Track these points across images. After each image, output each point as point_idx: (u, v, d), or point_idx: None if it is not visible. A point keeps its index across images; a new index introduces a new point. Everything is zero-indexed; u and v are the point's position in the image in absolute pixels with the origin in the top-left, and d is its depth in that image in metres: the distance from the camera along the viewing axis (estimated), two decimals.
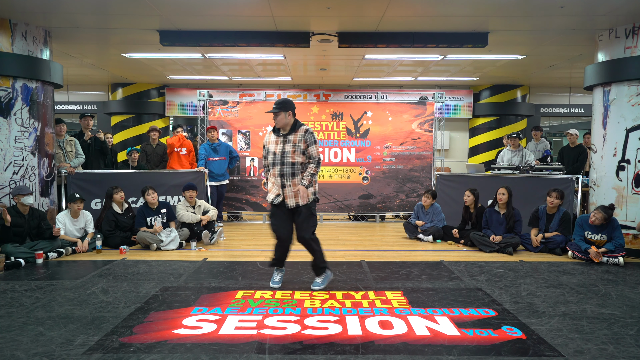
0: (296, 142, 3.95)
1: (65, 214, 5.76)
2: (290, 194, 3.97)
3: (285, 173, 3.95)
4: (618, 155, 5.68)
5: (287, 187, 3.97)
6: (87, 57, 8.04)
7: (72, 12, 5.48)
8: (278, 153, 3.98)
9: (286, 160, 3.95)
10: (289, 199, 3.97)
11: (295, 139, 3.96)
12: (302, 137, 3.96)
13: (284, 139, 3.99)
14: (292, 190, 3.96)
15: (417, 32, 6.24)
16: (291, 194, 3.97)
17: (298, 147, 3.94)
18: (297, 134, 3.97)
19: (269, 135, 4.12)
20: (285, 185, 3.97)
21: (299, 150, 3.95)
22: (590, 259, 5.17)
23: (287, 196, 3.97)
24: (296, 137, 3.96)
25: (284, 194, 3.98)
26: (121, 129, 10.84)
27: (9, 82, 5.49)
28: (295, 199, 3.97)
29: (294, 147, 3.94)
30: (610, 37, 5.82)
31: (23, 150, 5.64)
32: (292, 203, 3.98)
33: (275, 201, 4.02)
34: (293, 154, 3.94)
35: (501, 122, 10.78)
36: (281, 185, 3.98)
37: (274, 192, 4.04)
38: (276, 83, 10.75)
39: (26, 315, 3.45)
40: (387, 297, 3.88)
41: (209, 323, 3.30)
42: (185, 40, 6.30)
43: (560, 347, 2.91)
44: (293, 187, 3.96)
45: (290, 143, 3.96)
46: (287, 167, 3.95)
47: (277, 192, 4.01)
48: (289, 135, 3.99)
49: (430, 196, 6.70)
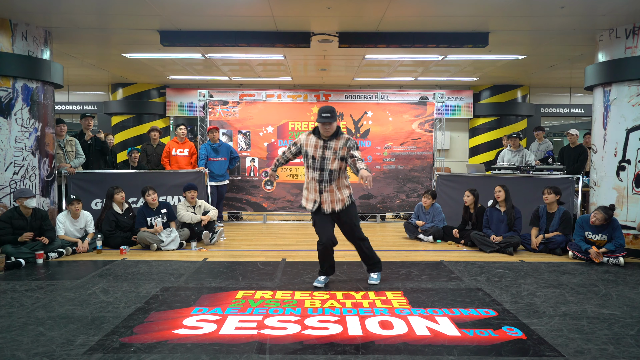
0: (337, 150, 3.93)
1: (65, 215, 5.77)
2: (327, 200, 3.99)
3: (324, 179, 3.96)
4: (618, 155, 5.68)
5: (325, 193, 3.98)
6: (88, 57, 8.04)
7: (72, 12, 5.48)
8: (318, 158, 3.96)
9: (325, 167, 3.95)
10: (325, 205, 4.00)
11: (336, 146, 3.94)
12: (345, 144, 3.93)
13: (324, 144, 3.96)
14: (330, 197, 3.99)
15: (417, 32, 6.24)
16: (328, 199, 3.99)
17: (338, 154, 3.93)
18: (339, 141, 3.96)
19: (307, 137, 4.06)
20: (322, 191, 3.98)
21: (339, 157, 3.94)
22: (591, 259, 5.17)
23: (324, 202, 3.99)
24: (338, 144, 3.94)
25: (321, 199, 4.00)
26: (121, 129, 10.85)
27: (9, 82, 5.50)
28: (332, 204, 3.99)
29: (334, 155, 3.93)
30: (610, 37, 5.82)
31: (23, 150, 5.64)
32: (328, 209, 4.00)
33: (313, 208, 4.05)
34: (333, 161, 3.93)
35: (501, 122, 10.78)
36: (319, 190, 3.99)
37: (311, 198, 4.06)
38: (276, 83, 10.75)
39: (27, 315, 3.45)
40: (387, 297, 3.88)
41: (209, 323, 3.30)
42: (185, 41, 6.30)
43: (561, 347, 2.91)
44: (331, 193, 3.98)
45: (331, 150, 3.94)
46: (326, 174, 3.95)
47: (314, 198, 4.03)
48: (329, 141, 3.96)
49: (430, 196, 6.70)
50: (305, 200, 4.13)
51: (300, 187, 8.25)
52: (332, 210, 4.01)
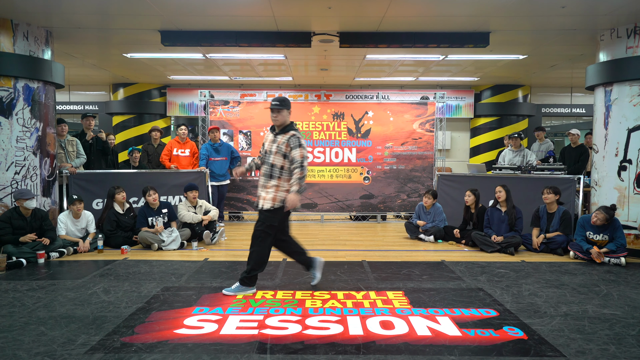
0: (280, 144, 3.86)
1: (66, 215, 5.77)
2: (262, 195, 3.91)
3: (264, 173, 3.92)
4: (620, 155, 5.68)
5: (261, 187, 3.93)
6: (89, 57, 8.05)
7: (73, 13, 5.49)
8: (266, 151, 3.95)
9: (268, 160, 3.90)
10: (259, 199, 3.93)
11: (280, 141, 3.88)
12: (287, 140, 3.85)
13: (274, 139, 3.93)
14: (264, 193, 3.88)
15: (418, 32, 6.24)
16: (263, 194, 3.90)
17: (280, 149, 3.85)
18: (285, 136, 3.88)
19: (268, 132, 4.08)
20: (259, 185, 3.95)
21: (280, 153, 3.85)
22: (592, 259, 5.16)
23: (259, 196, 3.93)
24: (283, 138, 3.88)
25: (259, 193, 3.95)
26: (122, 129, 10.86)
27: (10, 82, 5.50)
28: (263, 200, 3.89)
29: (277, 149, 3.86)
30: (611, 37, 5.81)
31: (25, 150, 5.65)
32: (261, 204, 3.91)
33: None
34: (275, 155, 3.87)
35: (502, 122, 10.78)
36: (260, 185, 3.95)
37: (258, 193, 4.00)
38: (277, 83, 10.76)
39: (28, 315, 3.46)
40: (388, 297, 3.88)
41: (210, 323, 3.30)
42: (186, 41, 6.30)
43: (562, 348, 2.91)
44: (266, 188, 3.89)
45: (276, 144, 3.88)
46: (267, 168, 3.91)
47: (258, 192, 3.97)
48: (278, 135, 3.93)
49: (431, 196, 6.69)
50: None
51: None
52: (261, 206, 3.89)
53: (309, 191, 8.27)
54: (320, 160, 8.33)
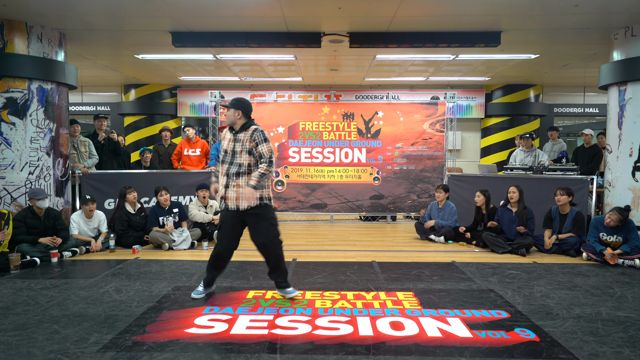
0: (244, 142, 3.75)
1: (79, 214, 5.84)
2: (232, 196, 3.74)
3: (230, 173, 3.76)
4: (634, 155, 5.59)
5: (230, 187, 3.75)
6: (101, 58, 8.14)
7: (86, 15, 5.56)
8: (229, 151, 3.79)
9: (234, 160, 3.75)
10: (229, 201, 3.75)
11: (244, 138, 3.76)
12: (250, 136, 3.74)
13: (235, 138, 3.80)
14: (235, 193, 3.73)
15: (428, 32, 6.21)
16: (233, 195, 3.74)
17: (244, 147, 3.74)
18: (247, 132, 3.77)
19: (225, 132, 3.93)
20: (228, 186, 3.76)
21: (246, 150, 3.74)
22: (605, 261, 5.09)
23: (229, 198, 3.76)
24: (245, 135, 3.76)
25: (226, 195, 3.77)
26: (134, 129, 10.96)
27: (25, 83, 5.58)
28: (237, 201, 3.74)
29: (241, 147, 3.75)
30: (626, 35, 5.73)
31: (38, 150, 5.73)
32: (232, 205, 3.75)
33: (221, 205, 3.84)
34: (241, 154, 3.75)
35: (514, 122, 10.68)
36: (225, 185, 3.78)
37: (220, 194, 3.83)
38: (287, 83, 10.78)
39: (42, 313, 3.50)
40: (398, 298, 3.86)
41: (220, 322, 3.32)
42: (197, 42, 6.34)
43: (575, 350, 2.87)
44: (237, 188, 3.73)
45: (240, 142, 3.76)
46: (234, 167, 3.75)
47: (221, 193, 3.81)
48: (239, 134, 3.79)
49: (442, 190, 6.67)
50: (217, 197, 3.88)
51: (312, 187, 8.26)
52: (237, 207, 3.75)
53: (318, 191, 8.27)
54: (330, 160, 8.32)
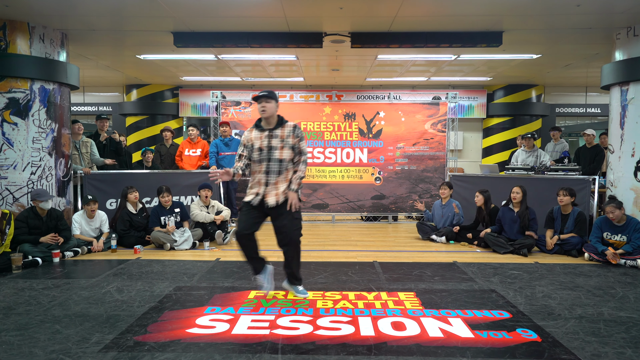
0: (284, 137, 3.65)
1: (81, 214, 5.85)
2: (271, 192, 3.65)
3: (271, 170, 3.65)
4: (636, 155, 5.58)
5: (271, 185, 3.66)
6: (103, 58, 8.15)
7: (88, 15, 5.57)
8: (265, 149, 3.65)
9: (273, 157, 3.64)
10: (269, 197, 3.65)
11: (282, 134, 3.66)
12: (292, 132, 3.67)
13: (270, 134, 3.67)
14: (275, 189, 3.65)
15: (430, 32, 6.20)
16: (273, 192, 3.65)
17: (286, 142, 3.65)
18: (285, 128, 3.68)
19: (249, 132, 3.77)
20: (268, 183, 3.66)
21: (288, 146, 3.65)
22: (607, 261, 5.08)
23: (268, 194, 3.65)
24: (284, 131, 3.67)
25: (265, 192, 3.66)
26: (135, 129, 10.97)
27: (27, 84, 5.60)
28: (277, 197, 3.65)
29: (282, 142, 3.64)
30: (628, 35, 5.72)
31: (40, 150, 5.74)
32: (272, 202, 3.64)
33: (254, 201, 3.67)
34: (281, 150, 3.63)
35: (515, 122, 10.66)
36: (265, 183, 3.67)
37: (253, 191, 3.70)
38: (288, 84, 10.78)
39: (43, 313, 3.51)
40: (399, 298, 3.86)
41: (222, 322, 3.32)
42: (198, 42, 6.35)
43: (577, 351, 2.86)
44: (276, 184, 3.66)
45: (278, 138, 3.65)
46: (274, 164, 3.65)
47: (257, 191, 3.68)
48: (275, 130, 3.68)
49: (447, 187, 6.69)
50: (249, 194, 3.74)
51: (313, 187, 8.26)
52: (276, 202, 3.64)
53: (320, 191, 8.27)
54: (331, 160, 8.32)
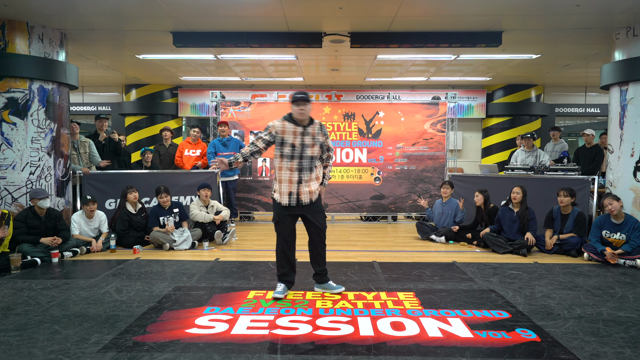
0: (315, 135, 3.79)
1: (80, 215, 5.84)
2: (305, 191, 3.78)
3: (304, 168, 3.77)
4: (635, 155, 5.58)
5: (304, 182, 3.77)
6: (102, 58, 8.14)
7: (87, 15, 5.56)
8: (298, 146, 3.74)
9: (305, 154, 3.76)
10: (303, 195, 3.77)
11: (313, 132, 3.79)
12: (320, 130, 3.83)
13: (303, 131, 3.76)
14: (308, 187, 3.79)
15: (429, 32, 6.20)
16: (306, 190, 3.79)
17: (317, 140, 3.80)
18: (314, 126, 3.82)
19: (282, 123, 3.77)
20: (302, 181, 3.76)
21: (318, 143, 3.82)
22: (606, 261, 5.08)
23: (302, 192, 3.77)
24: (314, 129, 3.80)
25: (299, 190, 3.76)
26: (135, 129, 10.97)
27: (26, 83, 5.59)
28: (310, 195, 3.79)
29: (313, 140, 3.78)
30: (627, 35, 5.72)
31: (39, 150, 5.73)
32: (306, 200, 3.79)
33: (292, 202, 3.76)
34: (312, 147, 3.78)
35: (515, 122, 10.67)
36: (298, 180, 3.75)
37: (285, 191, 3.76)
38: (288, 83, 10.77)
39: (42, 313, 3.51)
40: (399, 298, 3.86)
41: (221, 323, 3.31)
42: (198, 42, 6.34)
43: (576, 350, 2.86)
44: (309, 183, 3.79)
45: (309, 136, 3.77)
46: (306, 161, 3.78)
47: (290, 189, 3.75)
48: (307, 127, 3.79)
49: (449, 186, 6.71)
50: (279, 195, 3.79)
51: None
52: (310, 201, 3.79)
53: None
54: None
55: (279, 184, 3.82)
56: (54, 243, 5.21)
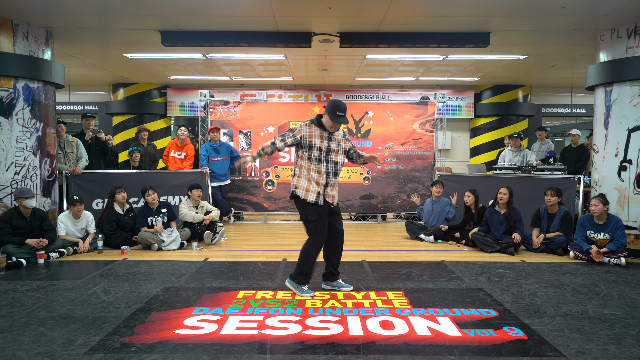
0: (339, 142, 3.96)
1: (66, 215, 5.77)
2: (331, 194, 3.94)
3: (330, 172, 3.93)
4: (620, 155, 5.67)
5: (330, 186, 3.94)
6: (89, 57, 8.05)
7: (73, 13, 5.49)
8: (324, 150, 3.88)
9: (331, 159, 3.92)
10: (328, 198, 3.92)
11: (338, 138, 3.95)
12: (344, 137, 4.01)
13: (330, 136, 3.91)
14: (333, 191, 3.95)
15: (418, 32, 6.24)
16: (332, 193, 3.95)
17: (341, 147, 3.97)
18: (339, 133, 3.98)
19: (308, 127, 3.88)
20: (328, 184, 3.93)
21: (342, 150, 3.98)
22: (592, 259, 5.16)
23: (328, 195, 3.91)
24: (338, 136, 3.97)
25: (325, 192, 3.90)
26: (122, 129, 10.86)
27: (10, 82, 5.50)
28: (333, 199, 3.97)
29: (337, 147, 3.94)
30: (612, 37, 5.81)
31: (25, 150, 5.65)
32: (334, 202, 3.97)
33: (319, 201, 3.88)
34: (337, 154, 3.94)
35: (502, 122, 10.77)
36: (325, 183, 3.90)
37: (314, 190, 3.86)
38: (277, 83, 10.76)
39: (27, 315, 3.46)
40: (388, 298, 3.88)
41: (210, 323, 3.30)
42: (186, 41, 6.30)
43: (562, 348, 2.90)
44: (333, 187, 3.96)
45: (335, 142, 3.93)
46: (331, 166, 3.94)
47: (318, 190, 3.87)
48: (333, 134, 3.94)
49: (440, 185, 6.79)
50: (305, 192, 3.87)
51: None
52: (333, 203, 3.97)
53: None
54: None
55: (306, 186, 3.90)
56: (40, 245, 5.13)
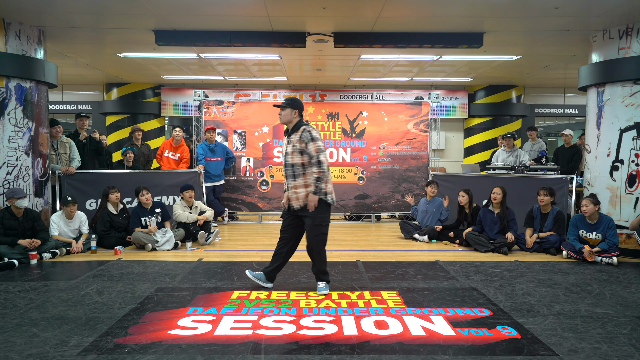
0: (294, 143, 3.88)
1: (59, 215, 5.73)
2: (293, 197, 3.90)
3: (288, 174, 3.93)
4: (612, 155, 5.72)
5: (290, 189, 3.92)
6: (82, 56, 8.00)
7: (66, 12, 5.45)
8: (283, 154, 3.97)
9: (287, 162, 3.91)
10: (293, 202, 3.91)
11: (294, 139, 3.89)
12: (300, 137, 3.85)
13: (288, 140, 3.94)
14: (295, 193, 3.89)
15: (412, 33, 6.25)
16: (294, 196, 3.90)
17: (296, 147, 3.86)
18: (297, 133, 3.88)
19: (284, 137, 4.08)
20: (288, 188, 3.93)
21: (297, 151, 3.85)
22: (584, 259, 5.20)
23: (291, 199, 3.92)
24: (296, 137, 3.89)
25: (288, 196, 3.95)
26: (116, 129, 10.80)
27: (2, 81, 5.46)
28: (298, 201, 3.89)
29: (293, 148, 3.87)
30: (604, 38, 5.85)
31: (17, 150, 5.60)
32: (296, 205, 3.90)
33: (285, 208, 3.97)
34: (292, 155, 3.87)
35: (496, 122, 10.82)
36: (285, 188, 3.97)
37: (285, 196, 4.00)
38: (272, 83, 10.74)
39: (20, 316, 3.43)
40: (382, 297, 3.89)
41: (204, 323, 3.29)
42: (180, 40, 6.28)
43: (555, 346, 2.92)
44: (295, 189, 3.89)
45: (291, 144, 3.90)
46: (289, 169, 3.91)
47: (286, 195, 3.98)
48: (291, 135, 3.93)
49: (435, 185, 6.81)
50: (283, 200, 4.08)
51: None
52: (300, 207, 3.88)
53: None
54: None
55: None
56: (33, 245, 5.10)
